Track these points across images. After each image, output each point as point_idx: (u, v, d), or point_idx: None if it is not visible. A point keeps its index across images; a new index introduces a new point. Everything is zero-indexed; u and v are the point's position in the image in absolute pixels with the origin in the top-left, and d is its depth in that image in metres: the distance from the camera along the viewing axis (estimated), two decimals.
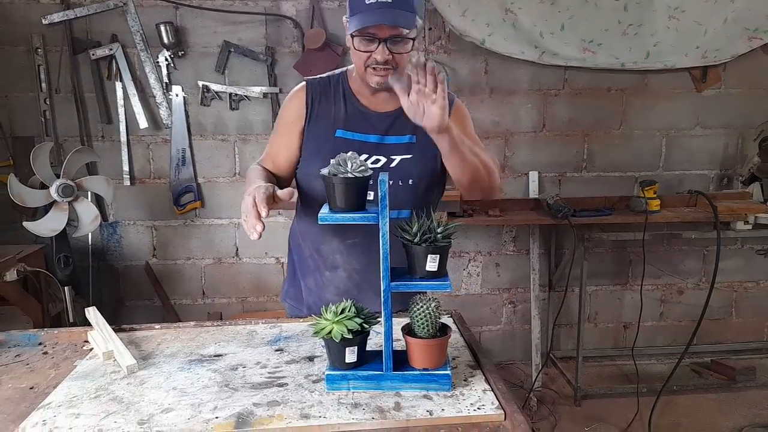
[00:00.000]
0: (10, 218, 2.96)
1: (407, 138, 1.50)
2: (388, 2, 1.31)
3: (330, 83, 1.54)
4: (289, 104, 1.55)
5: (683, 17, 3.01)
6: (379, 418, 1.03)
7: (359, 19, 1.33)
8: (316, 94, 1.52)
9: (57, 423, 1.03)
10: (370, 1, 1.32)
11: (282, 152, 1.56)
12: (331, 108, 1.52)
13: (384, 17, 1.32)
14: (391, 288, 1.10)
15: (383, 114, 1.50)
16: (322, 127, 1.50)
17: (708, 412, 2.94)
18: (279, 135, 1.58)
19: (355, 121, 1.51)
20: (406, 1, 1.34)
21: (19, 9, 2.86)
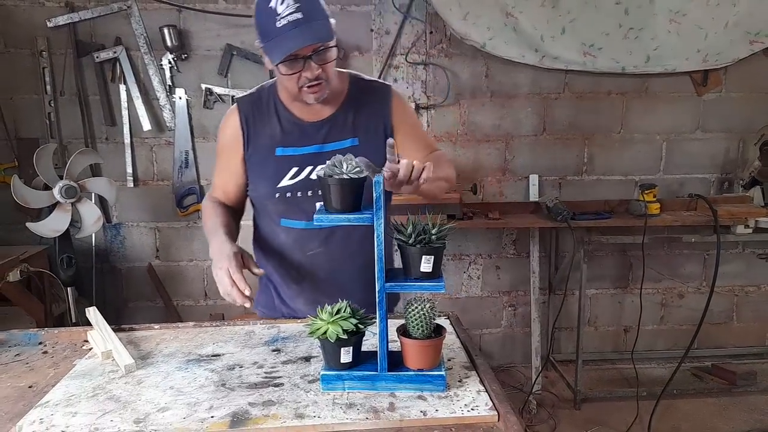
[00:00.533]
0: (14, 219, 2.99)
1: (349, 142, 1.48)
2: (300, 19, 1.25)
3: (261, 99, 1.51)
4: (225, 131, 1.53)
5: (684, 21, 3.01)
6: (373, 418, 1.04)
7: (279, 47, 1.28)
8: (249, 114, 1.49)
9: (54, 421, 1.04)
10: (282, 23, 1.25)
11: (230, 181, 1.55)
12: (267, 126, 1.49)
13: (304, 37, 1.27)
14: (386, 289, 1.11)
15: (319, 123, 1.48)
16: (261, 148, 1.48)
17: (708, 417, 2.93)
18: (222, 163, 1.56)
19: (292, 135, 1.48)
20: (316, 10, 1.30)
21: (24, 12, 2.89)
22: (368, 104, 1.51)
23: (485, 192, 3.26)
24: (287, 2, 1.25)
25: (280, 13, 1.25)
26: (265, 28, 1.29)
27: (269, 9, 1.26)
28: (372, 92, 1.52)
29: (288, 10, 1.25)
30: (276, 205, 1.51)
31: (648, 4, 2.97)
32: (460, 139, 3.20)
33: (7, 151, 2.99)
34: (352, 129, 1.48)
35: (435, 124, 3.17)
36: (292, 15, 1.25)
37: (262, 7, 1.29)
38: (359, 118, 1.49)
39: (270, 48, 1.30)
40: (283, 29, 1.26)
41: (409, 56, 3.07)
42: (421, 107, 3.13)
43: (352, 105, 1.50)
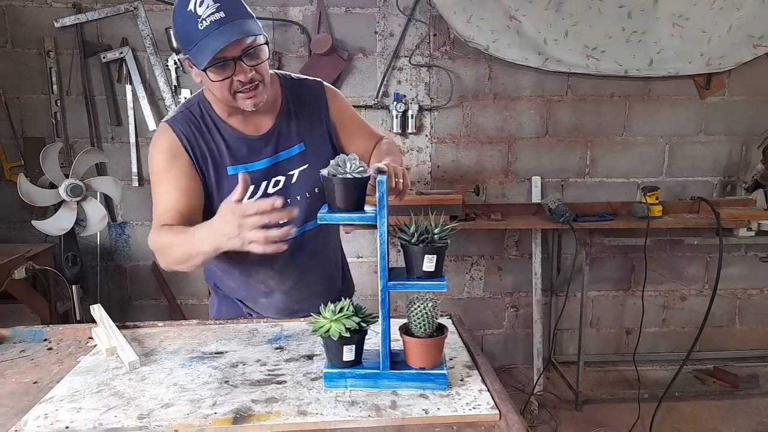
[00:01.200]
0: (20, 217, 3.02)
1: (296, 148, 1.45)
2: (223, 17, 1.20)
3: (194, 117, 1.40)
4: (162, 153, 1.37)
5: (687, 24, 3.01)
6: (375, 416, 1.05)
7: (205, 49, 1.20)
8: (188, 134, 1.38)
9: (58, 417, 1.05)
10: (204, 25, 1.20)
11: (181, 200, 1.35)
12: (211, 145, 1.39)
13: (231, 34, 1.20)
14: (388, 288, 1.12)
15: (265, 136, 1.42)
16: (211, 169, 1.39)
17: (710, 420, 2.93)
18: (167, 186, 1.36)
19: (240, 152, 1.40)
20: (238, 8, 1.25)
21: (32, 12, 2.91)
22: (305, 106, 1.47)
23: (488, 193, 3.27)
24: (207, 2, 1.19)
25: (201, 15, 1.20)
26: (188, 34, 1.22)
27: (188, 13, 1.20)
28: (305, 92, 1.49)
29: (209, 10, 1.19)
30: None
31: (651, 8, 2.98)
32: (463, 141, 3.21)
33: (13, 149, 3.01)
34: (297, 134, 1.45)
35: (438, 125, 3.18)
36: (213, 15, 1.20)
37: (181, 12, 1.22)
38: (300, 122, 1.46)
39: (195, 53, 1.23)
40: (207, 30, 1.20)
41: (413, 58, 3.08)
42: (424, 109, 3.14)
43: (290, 109, 1.46)
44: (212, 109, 1.41)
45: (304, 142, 1.45)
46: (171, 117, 1.41)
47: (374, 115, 3.13)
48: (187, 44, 1.24)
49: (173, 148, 1.37)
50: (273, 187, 1.43)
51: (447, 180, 3.23)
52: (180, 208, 1.34)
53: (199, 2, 1.19)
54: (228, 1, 1.22)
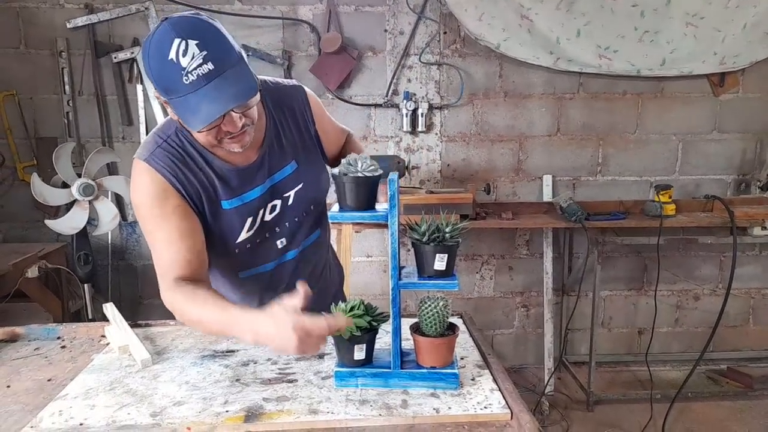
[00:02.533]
0: (33, 217, 3.04)
1: (289, 168, 1.34)
2: (212, 70, 1.04)
3: (176, 150, 1.23)
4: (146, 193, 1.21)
5: (702, 24, 2.97)
6: (386, 414, 1.05)
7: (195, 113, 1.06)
8: (172, 168, 1.21)
9: (73, 413, 1.06)
10: (191, 79, 1.03)
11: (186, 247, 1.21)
12: (202, 179, 1.24)
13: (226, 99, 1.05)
14: (399, 287, 1.12)
15: (255, 163, 1.29)
16: (205, 206, 1.26)
17: (723, 420, 2.90)
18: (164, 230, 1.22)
19: (232, 183, 1.27)
20: (226, 52, 1.07)
21: (45, 13, 2.93)
22: (291, 117, 1.35)
23: (498, 192, 3.25)
24: (192, 52, 1.02)
25: (186, 67, 1.02)
26: (169, 84, 1.05)
27: (169, 62, 1.03)
28: (288, 101, 1.36)
29: (195, 62, 1.03)
30: (235, 259, 1.34)
31: (664, 8, 2.95)
32: (474, 139, 3.20)
33: (26, 149, 3.04)
34: (289, 151, 1.34)
35: (448, 124, 3.17)
36: (201, 67, 1.03)
37: (159, 58, 1.04)
38: (289, 137, 1.35)
39: (180, 108, 1.08)
40: (195, 86, 1.03)
41: (423, 56, 3.08)
42: (434, 107, 3.13)
43: (277, 125, 1.33)
44: (194, 139, 1.23)
45: (296, 159, 1.35)
46: (148, 154, 1.22)
47: (384, 113, 3.13)
48: (166, 92, 1.07)
49: (162, 189, 1.21)
50: (270, 213, 1.33)
51: (457, 179, 3.22)
52: (187, 256, 1.21)
53: (182, 51, 1.02)
54: (215, 46, 1.06)
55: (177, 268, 1.20)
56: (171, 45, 1.03)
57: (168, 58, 1.03)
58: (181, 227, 1.21)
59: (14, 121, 3.00)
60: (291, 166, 1.34)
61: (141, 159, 1.22)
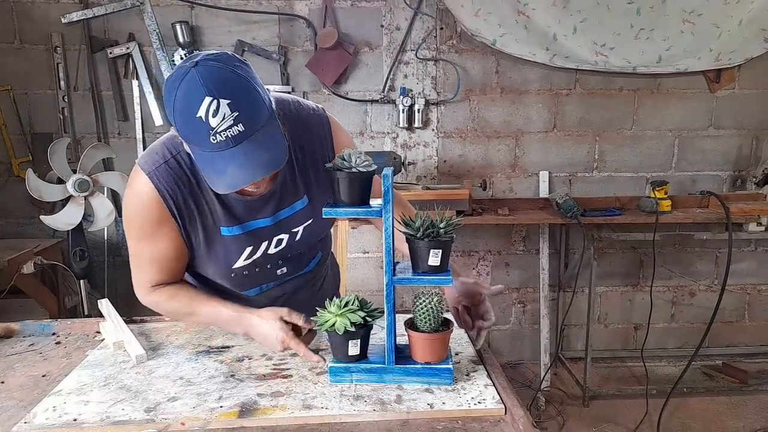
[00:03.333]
0: (28, 212, 3.04)
1: (300, 204, 1.29)
2: (241, 132, 0.99)
3: (182, 170, 1.18)
4: (142, 212, 1.19)
5: (699, 20, 2.97)
6: (380, 410, 1.05)
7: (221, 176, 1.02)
8: (173, 192, 1.17)
9: (67, 409, 1.06)
10: (219, 140, 0.98)
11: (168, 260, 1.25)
12: (202, 204, 1.21)
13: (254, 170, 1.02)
14: (393, 282, 1.12)
15: (266, 196, 1.24)
16: (202, 229, 1.23)
17: (719, 416, 2.91)
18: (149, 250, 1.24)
19: (237, 211, 1.23)
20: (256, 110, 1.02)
21: (40, 8, 2.92)
22: (309, 146, 1.28)
23: (495, 188, 3.26)
24: (222, 112, 0.97)
25: (215, 127, 0.97)
26: (193, 138, 1.02)
27: (197, 120, 0.98)
28: (308, 129, 1.28)
29: (225, 123, 0.97)
30: (230, 281, 1.33)
31: (660, 5, 2.95)
32: (470, 135, 3.20)
33: (21, 145, 3.03)
34: (302, 187, 1.28)
35: (445, 120, 3.17)
36: (230, 129, 0.98)
37: (186, 113, 0.99)
38: (305, 170, 1.28)
39: (203, 161, 1.04)
40: (221, 146, 0.99)
41: (420, 52, 3.07)
42: (431, 103, 3.13)
43: (293, 157, 1.25)
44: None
45: (308, 194, 1.29)
46: (152, 168, 1.16)
47: (381, 109, 3.13)
48: (190, 143, 1.05)
49: (156, 214, 1.18)
50: (275, 246, 1.29)
51: (454, 175, 3.22)
52: (167, 273, 1.28)
53: (212, 111, 0.96)
54: (247, 105, 1.00)
55: (156, 280, 1.29)
56: (201, 102, 0.97)
57: (196, 115, 0.97)
58: (167, 252, 1.24)
59: (9, 117, 2.99)
60: (302, 201, 1.29)
61: (144, 171, 1.17)
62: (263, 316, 1.20)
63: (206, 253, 1.26)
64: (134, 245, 1.26)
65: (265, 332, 1.21)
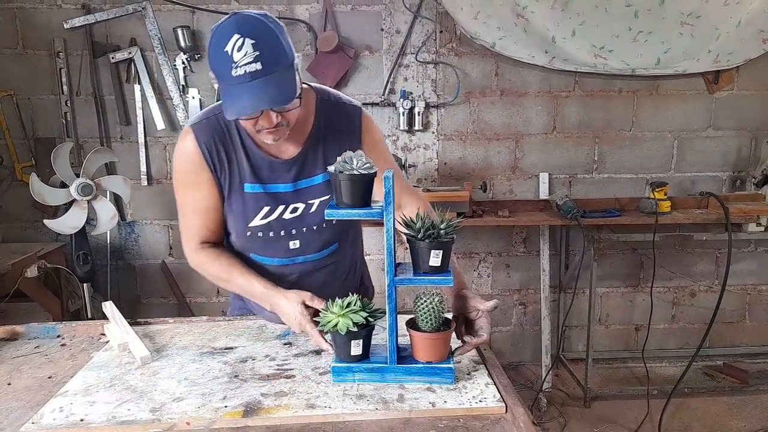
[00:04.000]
0: (32, 217, 3.06)
1: (320, 177, 1.37)
2: (259, 70, 1.10)
3: (220, 125, 1.33)
4: (185, 163, 1.34)
5: (698, 23, 2.99)
6: (383, 409, 1.06)
7: (233, 102, 1.14)
8: (210, 143, 1.32)
9: (73, 410, 1.07)
10: (238, 73, 1.10)
11: (209, 217, 1.38)
12: (233, 158, 1.34)
13: (260, 99, 1.13)
14: (395, 283, 1.13)
15: (290, 161, 1.35)
16: (230, 182, 1.35)
17: (720, 416, 2.92)
18: (193, 201, 1.37)
19: (262, 171, 1.35)
20: (278, 57, 1.13)
21: (42, 14, 2.94)
22: (337, 131, 1.38)
23: (495, 190, 3.27)
24: (245, 50, 1.10)
25: (237, 61, 1.10)
26: (220, 72, 1.14)
27: (224, 54, 1.11)
28: (341, 117, 1.39)
29: (246, 59, 1.10)
30: (246, 242, 1.41)
31: (658, 8, 2.96)
32: (470, 138, 3.21)
33: (25, 150, 3.05)
34: (323, 163, 1.36)
35: (445, 122, 3.19)
36: (250, 65, 1.10)
37: (216, 47, 1.13)
38: (329, 149, 1.37)
39: (223, 92, 1.17)
40: (239, 80, 1.11)
41: (419, 55, 3.09)
42: (431, 106, 3.14)
43: (320, 134, 1.37)
44: (239, 124, 1.33)
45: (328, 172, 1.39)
46: (196, 122, 1.35)
47: (381, 112, 3.14)
48: (216, 76, 1.17)
49: (196, 162, 1.32)
50: (290, 213, 1.37)
51: (454, 177, 3.24)
52: (210, 226, 1.40)
53: (237, 46, 1.10)
54: (269, 49, 1.12)
55: (202, 234, 1.40)
56: (230, 38, 1.10)
57: (224, 49, 1.11)
58: (209, 199, 1.36)
59: (12, 122, 3.01)
60: (323, 176, 1.37)
61: (189, 124, 1.35)
62: (288, 298, 1.26)
63: (228, 206, 1.37)
64: (180, 197, 1.40)
65: (287, 312, 1.27)
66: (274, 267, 1.43)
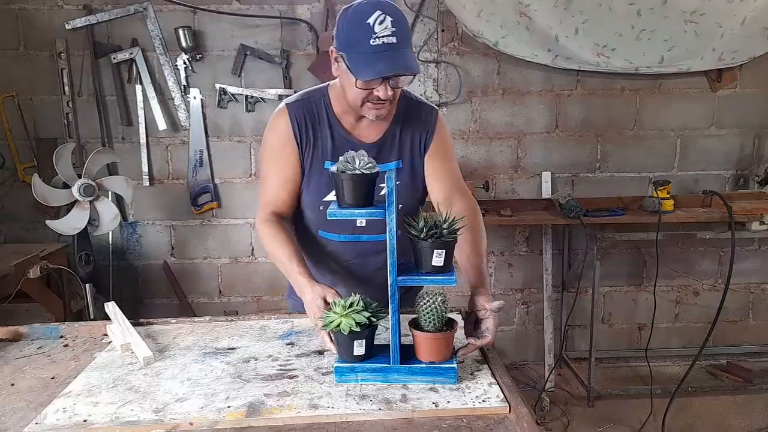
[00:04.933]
0: (34, 217, 3.06)
1: (393, 164, 1.49)
2: (394, 43, 1.26)
3: (312, 105, 1.47)
4: (275, 135, 1.48)
5: (702, 20, 2.96)
6: (386, 409, 1.06)
7: (370, 66, 1.27)
8: (300, 120, 1.45)
9: (76, 410, 1.07)
10: (377, 43, 1.24)
11: (283, 188, 1.50)
12: (319, 136, 1.46)
13: (398, 64, 1.27)
14: (398, 282, 1.13)
15: (370, 145, 1.46)
16: (312, 158, 1.47)
17: (723, 415, 2.91)
18: (275, 170, 1.50)
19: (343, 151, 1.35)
20: (408, 39, 1.31)
21: (44, 15, 2.94)
22: (413, 125, 1.51)
23: (497, 189, 3.26)
24: (386, 24, 1.25)
25: (377, 32, 1.25)
26: (355, 40, 1.27)
27: (365, 24, 1.25)
28: (418, 114, 1.52)
29: (385, 32, 1.25)
30: (317, 217, 1.52)
31: (660, 7, 2.94)
32: (472, 137, 3.21)
33: (27, 151, 3.05)
34: (399, 151, 1.49)
35: (447, 121, 3.14)
36: (388, 38, 1.25)
37: (357, 19, 1.27)
38: (404, 140, 1.50)
39: (356, 62, 1.29)
40: (377, 49, 1.25)
41: (421, 54, 3.08)
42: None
43: (399, 126, 1.50)
44: (330, 106, 1.47)
45: (402, 160, 1.50)
46: (291, 101, 1.48)
47: None
48: (347, 45, 1.29)
49: (286, 134, 1.45)
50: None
51: None
52: (284, 197, 1.50)
53: (379, 21, 1.24)
54: (403, 28, 1.28)
55: (276, 204, 1.50)
56: (372, 13, 1.25)
57: (366, 21, 1.25)
58: (290, 173, 1.48)
59: (14, 123, 3.02)
60: (396, 163, 1.49)
61: (285, 102, 1.49)
62: (314, 290, 1.30)
63: (307, 181, 1.49)
64: (264, 167, 1.53)
65: (308, 302, 1.31)
66: (340, 244, 1.54)
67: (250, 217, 3.21)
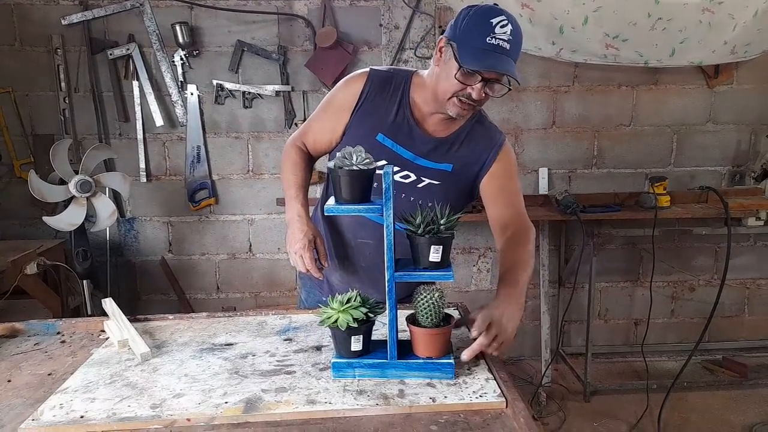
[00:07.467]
0: (31, 214, 3.05)
1: (444, 166, 1.50)
2: (507, 49, 1.31)
3: (392, 81, 1.50)
4: (345, 89, 1.52)
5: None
6: (383, 404, 1.06)
7: (480, 58, 1.31)
8: (374, 87, 1.49)
9: (73, 406, 1.07)
10: (492, 43, 1.30)
11: (325, 135, 1.55)
12: (382, 108, 1.49)
13: (506, 66, 1.32)
14: (395, 278, 1.13)
15: (429, 138, 1.49)
16: (365, 125, 1.49)
17: (719, 410, 2.92)
18: (326, 117, 1.55)
19: (401, 131, 1.49)
20: (518, 52, 1.36)
21: (39, 10, 2.93)
22: (476, 141, 1.52)
23: None
24: (507, 30, 1.31)
25: (497, 33, 1.30)
26: (473, 34, 1.32)
27: (488, 23, 1.30)
28: (486, 133, 1.54)
29: (503, 36, 1.30)
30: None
31: None
32: None
33: (23, 147, 3.04)
34: (453, 158, 1.50)
35: None
36: (503, 42, 1.30)
37: (481, 16, 1.32)
38: (463, 151, 1.51)
39: (467, 51, 1.32)
40: (490, 47, 1.30)
41: (418, 51, 3.08)
42: None
43: (463, 136, 1.51)
44: (409, 90, 1.49)
45: (453, 165, 1.51)
46: (378, 70, 1.52)
47: None
48: (462, 36, 1.33)
49: (353, 96, 1.49)
50: (401, 177, 1.49)
51: None
52: (316, 141, 1.58)
53: (502, 23, 1.30)
54: (518, 42, 1.34)
55: (309, 139, 1.59)
56: (497, 17, 1.31)
57: (489, 20, 1.31)
58: (323, 135, 1.55)
59: (10, 119, 3.00)
60: (446, 166, 1.50)
61: (371, 68, 1.53)
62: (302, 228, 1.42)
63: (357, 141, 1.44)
64: (319, 110, 1.58)
65: (294, 234, 1.43)
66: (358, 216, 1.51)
67: (248, 213, 3.21)
